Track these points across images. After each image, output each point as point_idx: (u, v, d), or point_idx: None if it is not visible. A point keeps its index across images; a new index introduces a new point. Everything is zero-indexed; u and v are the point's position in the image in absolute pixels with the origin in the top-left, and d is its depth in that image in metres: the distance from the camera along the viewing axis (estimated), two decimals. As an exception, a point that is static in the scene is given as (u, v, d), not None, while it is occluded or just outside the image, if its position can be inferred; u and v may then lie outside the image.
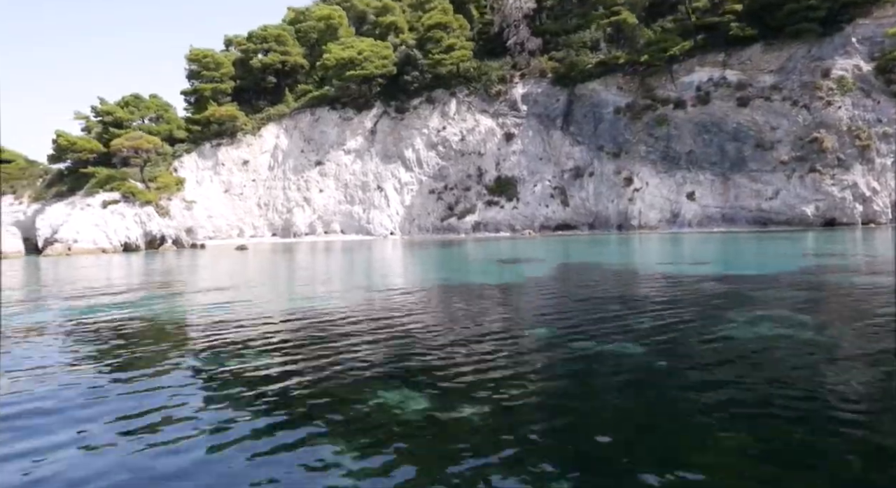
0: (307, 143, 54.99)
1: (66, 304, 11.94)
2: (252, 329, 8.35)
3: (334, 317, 9.17)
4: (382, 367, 5.86)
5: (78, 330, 8.83)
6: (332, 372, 5.69)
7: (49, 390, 5.38)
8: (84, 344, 7.64)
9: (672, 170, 46.82)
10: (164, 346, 7.36)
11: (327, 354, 6.47)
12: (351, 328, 8.17)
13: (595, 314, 8.56)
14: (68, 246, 36.83)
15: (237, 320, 9.19)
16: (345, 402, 4.75)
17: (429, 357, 6.28)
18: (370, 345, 6.95)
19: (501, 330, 7.72)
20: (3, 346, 7.62)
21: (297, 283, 15.40)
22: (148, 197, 41.62)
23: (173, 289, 14.58)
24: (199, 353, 6.78)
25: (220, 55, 56.66)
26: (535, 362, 5.87)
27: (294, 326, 8.64)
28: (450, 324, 8.32)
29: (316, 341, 7.30)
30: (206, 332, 8.24)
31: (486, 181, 52.61)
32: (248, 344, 7.21)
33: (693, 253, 21.11)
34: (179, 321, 9.66)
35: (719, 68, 46.91)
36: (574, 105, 51.83)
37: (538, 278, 13.94)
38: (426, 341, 7.12)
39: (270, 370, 5.91)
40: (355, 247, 39.38)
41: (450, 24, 53.33)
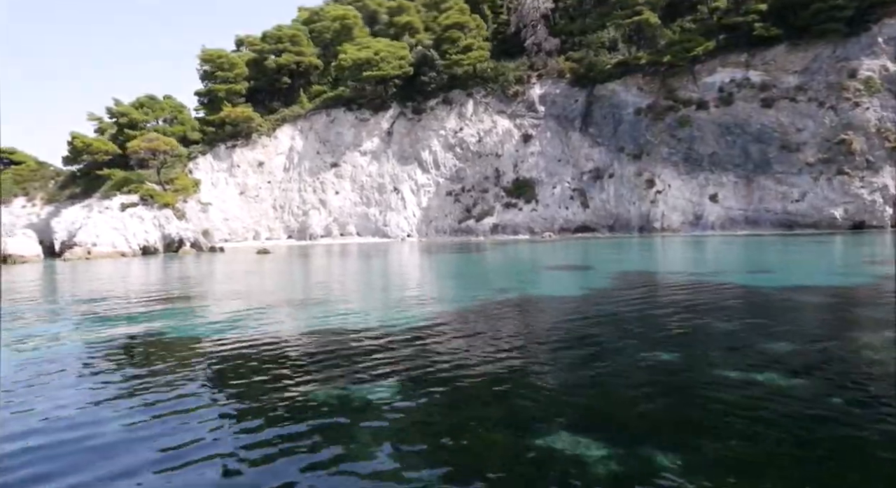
0: (322, 145, 54.45)
1: (109, 318, 11.39)
2: (341, 348, 7.79)
3: (427, 338, 8.59)
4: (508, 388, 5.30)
5: (120, 350, 8.28)
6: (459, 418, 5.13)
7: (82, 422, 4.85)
8: (135, 367, 7.09)
9: (694, 172, 46.22)
10: (228, 373, 6.80)
11: (441, 382, 5.91)
12: (448, 347, 7.61)
13: (715, 339, 7.99)
14: (87, 249, 36.30)
15: (307, 344, 8.62)
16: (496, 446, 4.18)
17: (560, 382, 5.73)
18: (485, 364, 6.40)
19: (617, 351, 7.16)
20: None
21: (353, 296, 14.80)
22: (166, 199, 41.10)
23: (217, 301, 14.03)
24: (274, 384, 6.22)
25: (233, 56, 56.15)
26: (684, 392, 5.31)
27: (394, 348, 8.07)
28: (562, 343, 7.76)
29: (421, 363, 6.73)
30: (279, 359, 7.68)
31: (503, 183, 52.04)
32: (335, 366, 6.66)
33: (745, 259, 20.49)
34: (243, 342, 9.10)
35: (742, 69, 46.29)
36: (593, 106, 51.23)
37: (605, 290, 13.35)
38: (546, 363, 6.57)
39: (391, 407, 5.35)
40: (377, 250, 38.80)
41: (467, 23, 52.81)
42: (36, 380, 6.72)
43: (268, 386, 6.18)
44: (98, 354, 8.15)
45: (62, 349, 8.60)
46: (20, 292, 17.84)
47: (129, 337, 9.42)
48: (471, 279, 16.96)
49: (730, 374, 6.01)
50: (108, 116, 51.92)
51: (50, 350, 8.48)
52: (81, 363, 7.64)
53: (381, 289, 15.65)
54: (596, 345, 7.73)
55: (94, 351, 8.39)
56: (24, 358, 7.96)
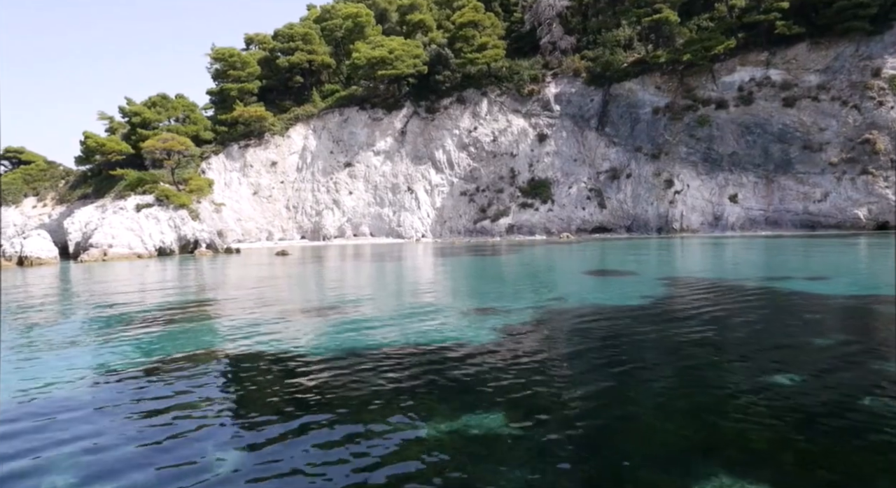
0: (336, 144, 53.95)
1: (163, 336, 10.91)
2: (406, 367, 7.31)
3: (509, 355, 8.10)
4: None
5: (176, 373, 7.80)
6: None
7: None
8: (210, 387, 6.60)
9: (713, 172, 45.72)
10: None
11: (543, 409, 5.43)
12: (538, 366, 7.14)
13: (829, 359, 7.50)
14: (104, 251, 35.82)
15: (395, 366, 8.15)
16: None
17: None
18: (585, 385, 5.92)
19: (724, 371, 6.68)
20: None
21: (401, 305, 14.29)
22: (182, 200, 40.60)
23: (265, 311, 13.54)
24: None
25: (245, 54, 55.63)
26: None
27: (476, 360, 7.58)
28: (652, 363, 7.28)
29: (516, 383, 6.25)
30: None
31: (519, 183, 51.52)
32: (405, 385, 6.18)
33: (794, 263, 19.97)
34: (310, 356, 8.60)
35: (762, 67, 45.74)
36: (609, 105, 50.70)
37: (668, 299, 12.85)
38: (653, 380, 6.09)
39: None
40: (396, 251, 38.31)
41: (482, 22, 52.26)
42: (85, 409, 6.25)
43: (363, 415, 5.70)
44: (161, 376, 7.68)
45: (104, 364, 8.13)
46: (51, 299, 17.40)
47: (189, 358, 8.94)
48: (516, 286, 16.45)
49: (864, 401, 5.52)
50: (120, 115, 51.46)
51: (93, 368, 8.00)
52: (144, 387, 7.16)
53: (429, 297, 15.16)
54: (697, 362, 7.24)
55: (153, 370, 7.92)
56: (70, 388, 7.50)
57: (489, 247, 38.83)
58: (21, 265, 32.79)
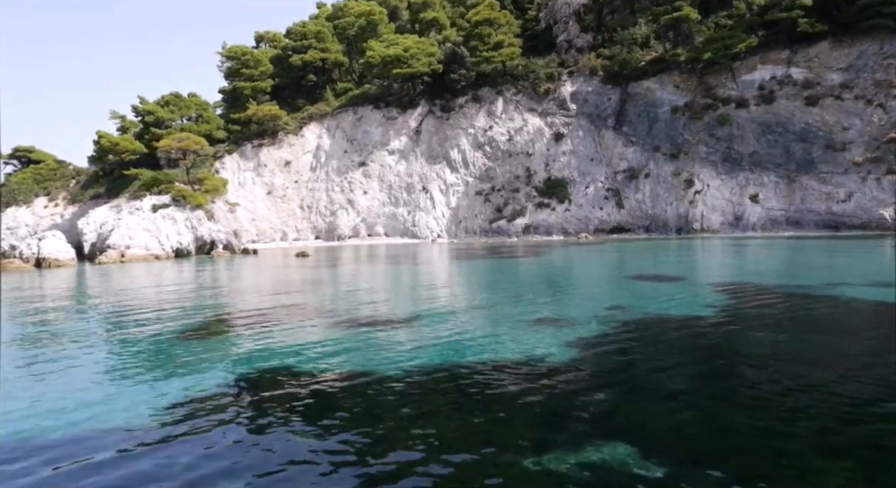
0: (350, 143, 53.45)
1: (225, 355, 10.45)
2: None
3: (587, 374, 7.63)
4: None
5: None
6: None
7: None
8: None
9: (734, 172, 45.15)
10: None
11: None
12: (629, 389, 6.68)
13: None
14: (121, 252, 35.40)
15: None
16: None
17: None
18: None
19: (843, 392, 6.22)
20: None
21: (453, 314, 13.80)
22: (198, 200, 40.17)
23: (318, 319, 13.08)
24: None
25: (258, 52, 55.15)
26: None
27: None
28: (758, 388, 6.81)
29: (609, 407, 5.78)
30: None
31: (535, 182, 50.98)
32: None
33: (838, 266, 19.46)
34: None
35: (783, 66, 45.14)
36: (627, 104, 50.13)
37: (733, 308, 12.34)
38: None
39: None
40: (416, 253, 37.83)
41: (497, 20, 51.67)
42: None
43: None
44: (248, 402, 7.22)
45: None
46: (82, 305, 16.96)
47: (267, 381, 8.48)
48: (564, 293, 15.96)
49: None
50: (133, 114, 51.05)
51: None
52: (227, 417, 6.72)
53: (478, 307, 14.71)
54: (814, 380, 6.76)
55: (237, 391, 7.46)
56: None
57: (510, 249, 38.34)
58: (39, 267, 32.42)
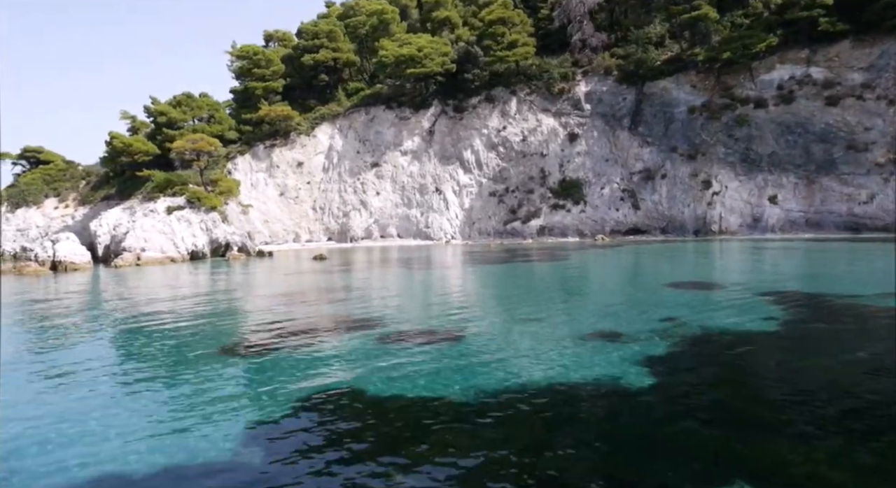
0: (362, 144, 53.01)
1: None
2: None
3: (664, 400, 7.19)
4: None
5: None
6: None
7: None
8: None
9: (752, 173, 44.62)
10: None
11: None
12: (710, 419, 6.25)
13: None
14: (137, 255, 35.01)
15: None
16: None
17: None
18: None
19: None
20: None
21: (507, 328, 13.36)
22: (213, 202, 39.79)
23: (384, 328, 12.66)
24: None
25: (270, 52, 54.71)
26: None
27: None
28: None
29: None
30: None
31: (549, 183, 50.48)
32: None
33: (881, 272, 18.97)
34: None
35: (802, 65, 44.60)
36: (643, 104, 49.60)
37: (796, 323, 11.90)
38: None
39: None
40: (434, 255, 37.39)
41: (511, 19, 51.15)
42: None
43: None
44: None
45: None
46: (115, 319, 16.55)
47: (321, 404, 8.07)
48: (609, 303, 15.50)
49: None
50: (145, 115, 50.67)
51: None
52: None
53: (525, 318, 14.30)
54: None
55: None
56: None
57: (529, 251, 37.91)
58: (55, 270, 32.03)
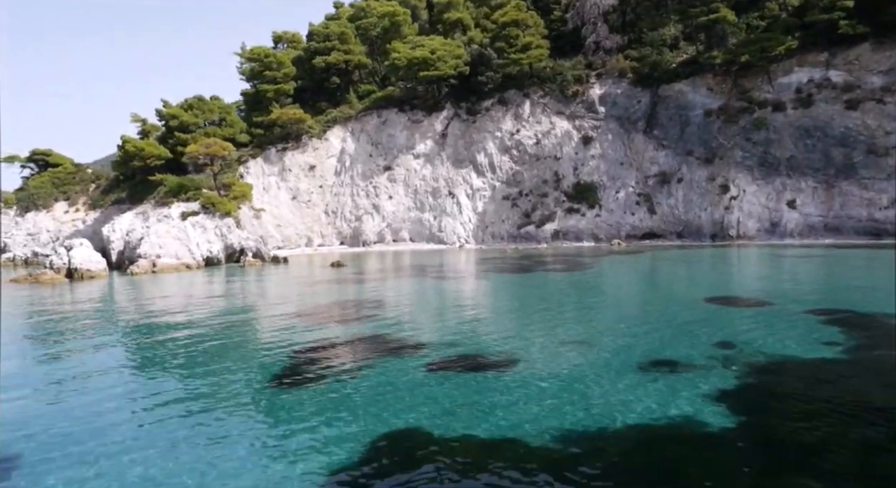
0: (374, 147, 52.63)
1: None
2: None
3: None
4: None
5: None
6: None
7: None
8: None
9: (770, 177, 44.16)
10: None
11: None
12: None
13: None
14: (152, 262, 34.67)
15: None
16: None
17: None
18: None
19: None
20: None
21: (559, 354, 12.91)
22: (227, 208, 39.45)
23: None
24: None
25: (281, 54, 54.31)
26: None
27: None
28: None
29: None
30: None
31: (563, 187, 50.07)
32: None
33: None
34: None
35: (821, 68, 44.08)
36: (658, 107, 49.14)
37: (863, 350, 11.53)
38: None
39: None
40: (449, 261, 37.04)
41: (525, 20, 50.73)
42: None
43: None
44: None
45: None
46: (147, 336, 16.17)
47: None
48: (652, 325, 14.88)
49: None
50: (157, 118, 50.31)
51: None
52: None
53: (562, 338, 13.94)
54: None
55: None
56: None
57: (548, 258, 37.49)
58: (70, 278, 31.70)
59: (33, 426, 8.71)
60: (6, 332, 17.18)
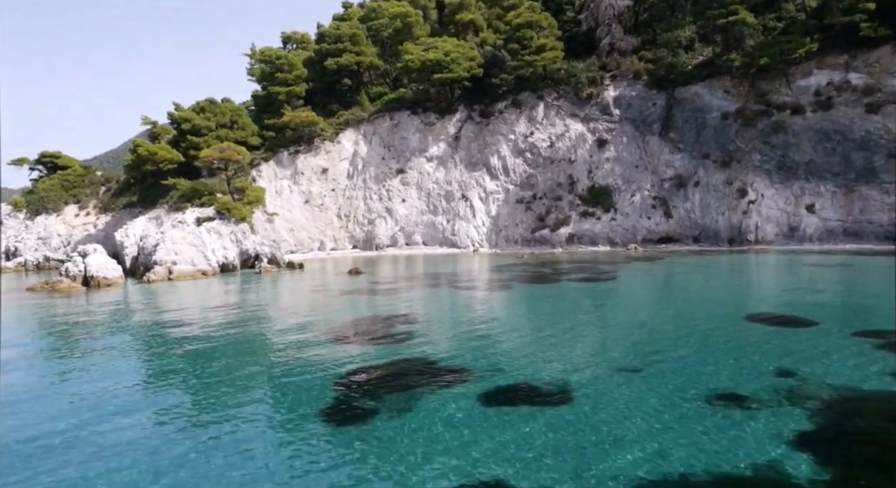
0: (387, 150, 52.21)
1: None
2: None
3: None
4: None
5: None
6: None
7: None
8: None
9: (789, 181, 43.69)
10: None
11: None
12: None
13: None
14: (168, 269, 34.35)
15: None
16: None
17: None
18: None
19: None
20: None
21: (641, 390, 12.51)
22: (242, 213, 39.09)
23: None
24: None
25: (292, 55, 53.84)
26: None
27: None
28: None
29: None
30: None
31: (578, 190, 49.62)
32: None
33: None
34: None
35: (841, 71, 43.54)
36: (674, 109, 48.64)
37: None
38: None
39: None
40: (466, 267, 36.69)
41: (539, 22, 50.23)
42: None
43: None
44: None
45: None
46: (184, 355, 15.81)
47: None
48: (700, 350, 14.54)
49: None
50: (168, 121, 49.91)
51: None
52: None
53: (615, 364, 13.57)
54: None
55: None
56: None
57: (566, 264, 37.12)
58: (87, 286, 31.39)
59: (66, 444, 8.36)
60: (36, 347, 16.86)
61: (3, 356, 15.91)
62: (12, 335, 19.27)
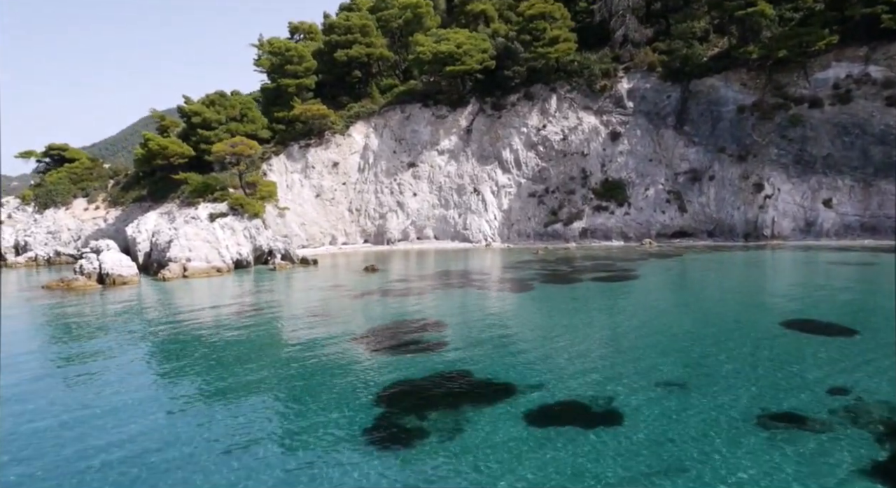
0: (398, 143, 51.71)
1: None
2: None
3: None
4: None
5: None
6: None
7: None
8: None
9: (806, 175, 43.20)
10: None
11: None
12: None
13: None
14: (183, 266, 34.09)
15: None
16: None
17: None
18: None
19: None
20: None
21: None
22: (256, 209, 38.77)
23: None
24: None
25: (301, 46, 53.16)
26: None
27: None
28: None
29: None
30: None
31: (591, 184, 49.15)
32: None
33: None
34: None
35: (860, 63, 42.92)
36: (688, 102, 48.02)
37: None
38: None
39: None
40: (484, 263, 36.41)
41: (552, 13, 49.47)
42: None
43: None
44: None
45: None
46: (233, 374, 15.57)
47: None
48: (742, 363, 14.33)
49: None
50: (178, 115, 49.43)
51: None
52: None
53: (658, 378, 13.34)
54: None
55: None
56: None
57: (581, 260, 36.80)
58: (102, 283, 31.16)
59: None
60: (56, 350, 16.62)
61: (25, 361, 15.72)
62: (33, 337, 19.08)
